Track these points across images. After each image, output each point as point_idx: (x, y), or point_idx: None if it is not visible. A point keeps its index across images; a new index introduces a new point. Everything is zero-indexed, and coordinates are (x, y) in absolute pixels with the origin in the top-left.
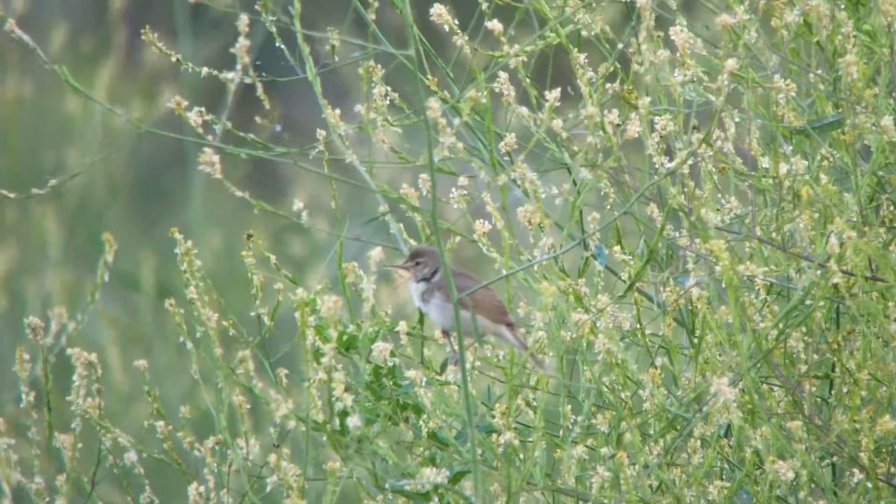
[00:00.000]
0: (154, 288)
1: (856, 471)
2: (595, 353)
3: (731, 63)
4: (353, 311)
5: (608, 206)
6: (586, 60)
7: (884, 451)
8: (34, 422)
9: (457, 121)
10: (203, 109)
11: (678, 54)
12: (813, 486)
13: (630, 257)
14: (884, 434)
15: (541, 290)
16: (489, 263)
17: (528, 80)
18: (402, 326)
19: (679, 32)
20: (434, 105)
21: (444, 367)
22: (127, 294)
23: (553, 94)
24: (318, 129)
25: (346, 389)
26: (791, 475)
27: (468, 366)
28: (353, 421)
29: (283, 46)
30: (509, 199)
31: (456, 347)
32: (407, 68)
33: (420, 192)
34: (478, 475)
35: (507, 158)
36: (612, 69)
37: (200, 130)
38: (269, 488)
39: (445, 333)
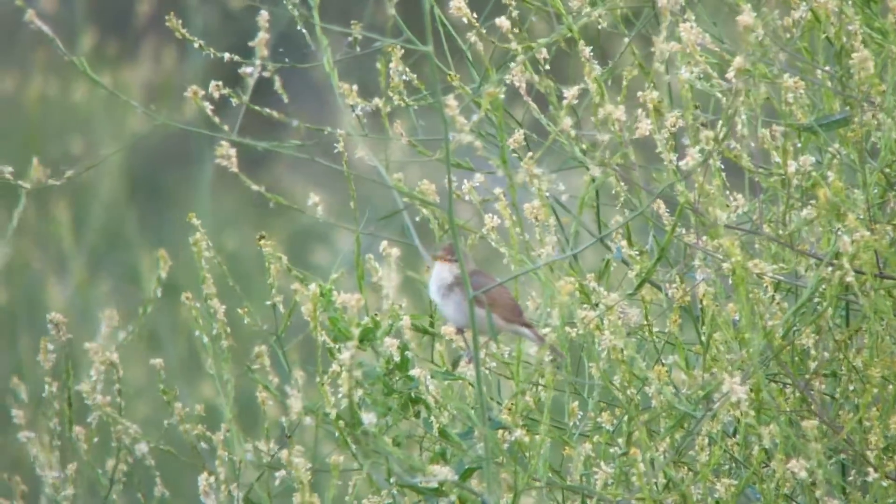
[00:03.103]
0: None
1: (870, 470)
2: (601, 349)
3: (739, 60)
4: (368, 304)
5: (618, 205)
6: (592, 54)
7: (891, 449)
8: (55, 413)
9: (475, 116)
10: (220, 83)
11: (688, 50)
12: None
13: (638, 253)
14: None
15: (557, 288)
16: (501, 261)
17: (542, 74)
18: (406, 321)
19: (689, 29)
20: (452, 103)
21: (455, 363)
22: (134, 290)
23: (571, 92)
24: (329, 127)
25: (356, 384)
26: (804, 474)
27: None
28: (369, 417)
29: (304, 30)
30: (525, 194)
31: (470, 345)
32: (422, 58)
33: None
34: (489, 473)
35: (515, 155)
36: (625, 65)
37: (216, 120)
38: (277, 482)
39: (460, 331)
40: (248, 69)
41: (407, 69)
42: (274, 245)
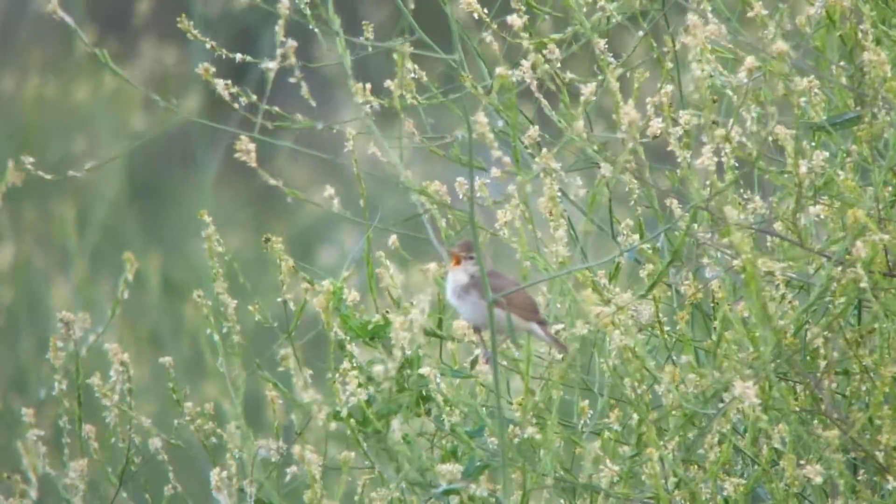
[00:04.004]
0: (161, 285)
1: (889, 478)
2: (610, 347)
3: (750, 60)
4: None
5: (632, 202)
6: (606, 46)
7: None
8: (65, 410)
9: (500, 122)
10: (229, 82)
11: (699, 49)
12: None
13: (648, 246)
14: None
15: (583, 297)
16: (512, 257)
17: (556, 72)
18: (415, 316)
19: (699, 26)
20: (482, 119)
21: (473, 363)
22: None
23: (589, 88)
24: (335, 124)
25: (361, 384)
26: (820, 479)
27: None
28: (396, 425)
29: (316, 30)
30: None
31: (486, 344)
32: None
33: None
34: (505, 472)
35: (529, 152)
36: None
37: (227, 97)
38: (288, 478)
39: (477, 330)
40: (270, 64)
41: (416, 66)
42: (280, 244)
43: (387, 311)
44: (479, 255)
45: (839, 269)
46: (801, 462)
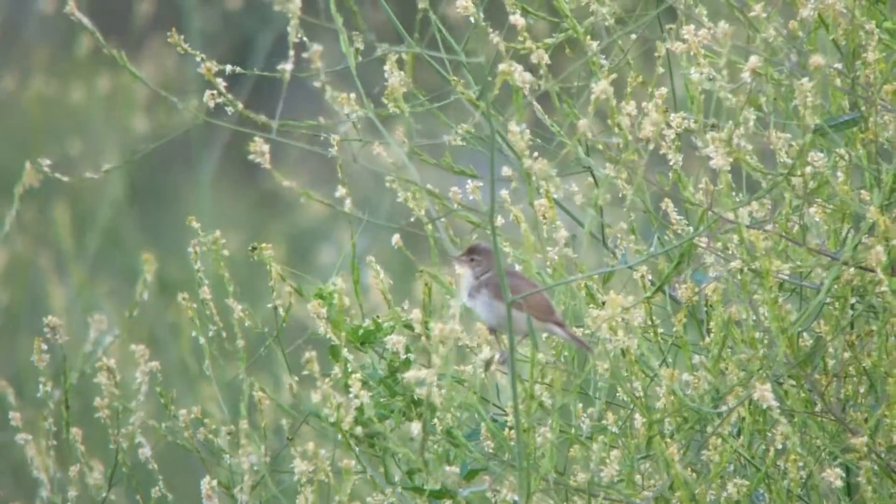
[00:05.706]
0: (158, 286)
1: None
2: (611, 349)
3: (753, 60)
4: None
5: (624, 207)
6: (599, 46)
7: None
8: (51, 412)
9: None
10: (220, 89)
11: (692, 53)
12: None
13: (641, 246)
14: None
15: (609, 301)
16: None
17: (547, 72)
18: (416, 314)
19: (692, 31)
20: (514, 129)
21: (488, 365)
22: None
23: (600, 86)
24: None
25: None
26: (840, 483)
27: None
28: (415, 427)
29: (305, 39)
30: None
31: (502, 347)
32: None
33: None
34: (523, 473)
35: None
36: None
37: (212, 106)
38: (295, 477)
39: (492, 331)
40: (286, 65)
41: (403, 73)
42: (272, 249)
43: (377, 316)
44: (499, 257)
45: (850, 271)
46: (801, 464)
